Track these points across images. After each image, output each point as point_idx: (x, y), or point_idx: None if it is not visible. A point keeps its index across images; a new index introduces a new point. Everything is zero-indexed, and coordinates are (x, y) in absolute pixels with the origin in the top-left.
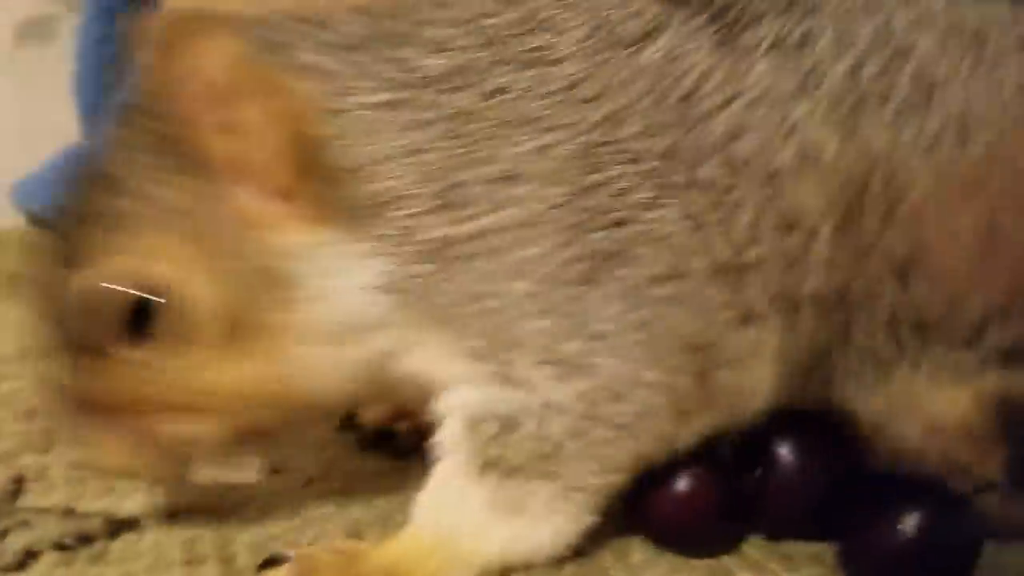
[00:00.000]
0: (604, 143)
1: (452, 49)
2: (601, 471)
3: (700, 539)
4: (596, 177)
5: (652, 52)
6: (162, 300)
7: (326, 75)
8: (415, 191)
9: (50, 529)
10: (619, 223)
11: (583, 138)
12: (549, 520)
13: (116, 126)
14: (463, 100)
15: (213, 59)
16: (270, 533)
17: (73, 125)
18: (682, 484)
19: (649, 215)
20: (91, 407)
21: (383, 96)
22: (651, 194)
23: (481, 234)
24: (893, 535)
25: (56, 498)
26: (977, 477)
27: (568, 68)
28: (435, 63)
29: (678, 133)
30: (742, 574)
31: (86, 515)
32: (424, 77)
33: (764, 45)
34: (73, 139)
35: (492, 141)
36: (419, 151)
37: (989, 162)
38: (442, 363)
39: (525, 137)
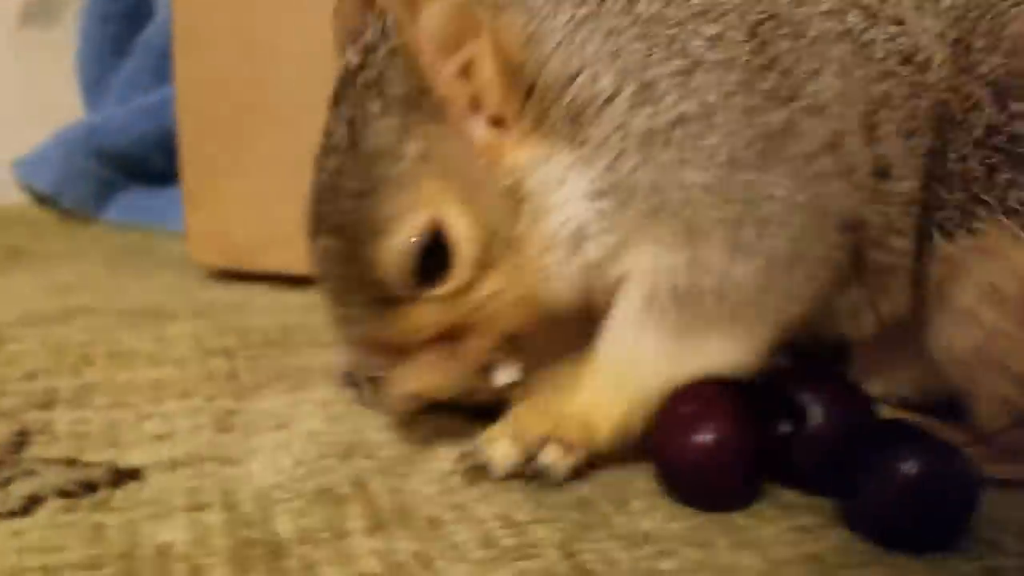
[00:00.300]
0: (769, 17)
1: None
2: (771, 329)
3: (725, 494)
4: (764, 58)
5: None
6: (446, 242)
7: (527, 7)
8: (614, 93)
9: (54, 478)
10: (787, 100)
11: (750, 17)
12: (723, 365)
13: (354, 105)
14: (645, 4)
15: (437, 17)
16: (271, 482)
17: (76, 104)
18: (708, 438)
19: (811, 87)
20: (399, 349)
21: (579, 11)
22: (814, 65)
23: (673, 125)
24: (890, 485)
25: (60, 450)
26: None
27: None
28: None
29: None
30: (740, 520)
31: (89, 465)
32: None
33: None
34: (75, 117)
35: (674, 38)
36: (614, 56)
37: None
38: (642, 254)
39: (701, 29)
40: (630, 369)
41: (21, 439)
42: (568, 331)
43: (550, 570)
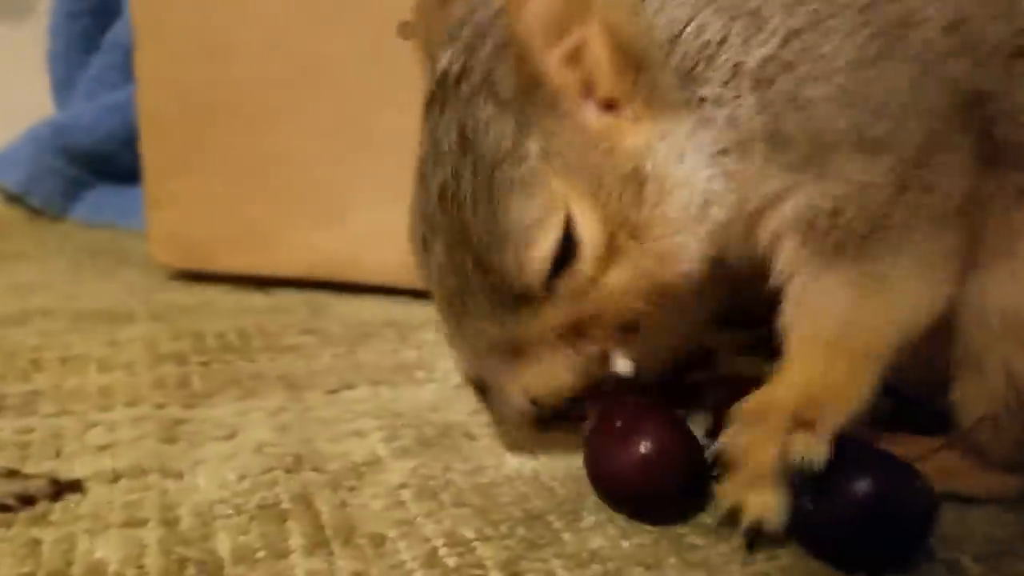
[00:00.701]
0: None
1: None
2: (931, 232)
3: (662, 506)
4: None
5: None
6: (575, 238)
7: None
8: (724, 35)
9: None
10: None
11: None
12: (909, 287)
13: (464, 109)
14: None
15: (546, 3)
16: (213, 497)
17: (47, 102)
18: (647, 450)
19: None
20: (524, 351)
21: None
22: None
23: (785, 43)
24: (843, 504)
25: (2, 460)
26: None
27: None
28: None
29: None
30: (693, 539)
31: (30, 477)
32: None
33: None
34: (46, 114)
35: None
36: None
37: None
38: (773, 187)
39: None
40: (831, 324)
41: None
42: (686, 310)
43: None
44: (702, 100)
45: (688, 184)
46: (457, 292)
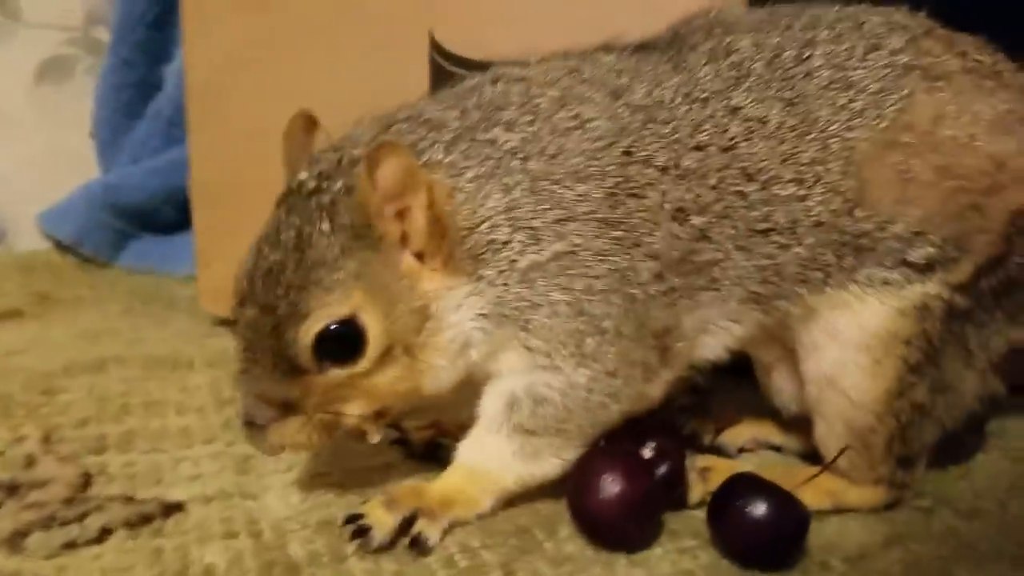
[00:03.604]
0: (622, 182)
1: (519, 125)
2: (596, 426)
3: (625, 540)
4: (618, 213)
5: (640, 96)
6: (359, 331)
7: (447, 166)
8: (507, 240)
9: (118, 511)
10: (633, 245)
11: (609, 181)
12: (554, 460)
13: (304, 219)
14: (533, 164)
15: (391, 174)
16: (284, 515)
17: (88, 154)
18: (611, 486)
19: (649, 238)
20: (296, 408)
21: (484, 169)
22: (651, 223)
23: (549, 260)
24: (744, 522)
25: (117, 488)
26: None
27: (595, 126)
28: (511, 138)
29: (673, 154)
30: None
31: (143, 501)
32: (508, 151)
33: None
34: (91, 170)
35: (554, 192)
36: (510, 208)
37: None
38: (511, 358)
39: (567, 188)
40: (485, 465)
41: (85, 480)
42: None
43: None
44: (481, 277)
45: (456, 328)
46: (252, 347)
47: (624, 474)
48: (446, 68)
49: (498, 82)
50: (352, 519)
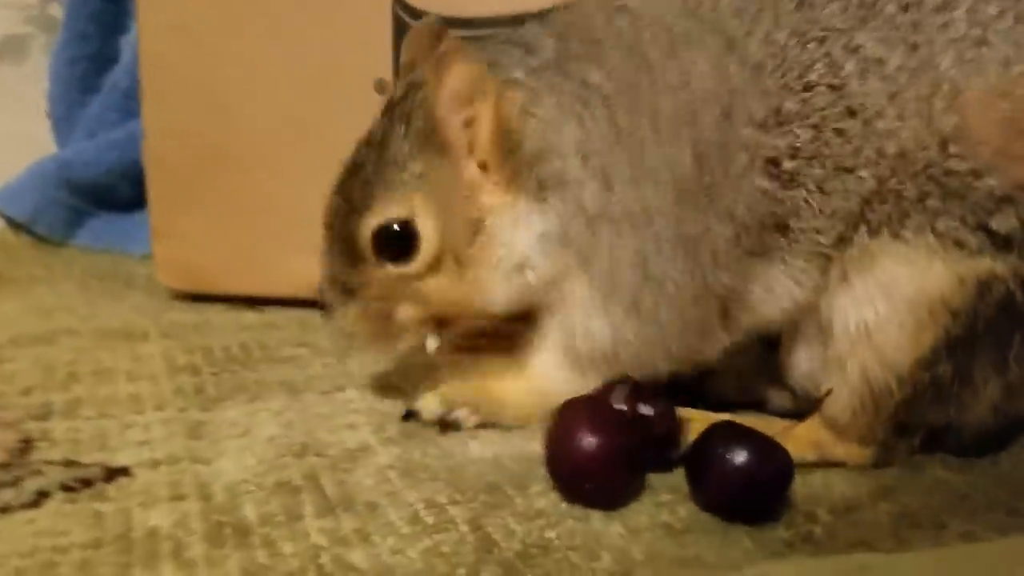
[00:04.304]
0: (715, 147)
1: (618, 70)
2: (646, 372)
3: (605, 495)
4: (703, 181)
5: (754, 47)
6: (412, 234)
7: (527, 88)
8: (578, 177)
9: (57, 475)
10: (712, 212)
11: (701, 146)
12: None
13: (389, 122)
14: (622, 117)
15: (459, 78)
16: (238, 478)
17: (46, 136)
18: (588, 445)
19: (731, 204)
20: (356, 296)
21: (566, 103)
22: (736, 190)
23: (619, 215)
24: (724, 472)
25: (59, 453)
26: None
27: (698, 83)
28: (604, 82)
29: (776, 103)
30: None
31: (85, 465)
32: (596, 92)
33: None
34: (46, 149)
35: (635, 151)
36: (589, 152)
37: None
38: (568, 291)
39: (652, 148)
40: (542, 384)
41: (25, 445)
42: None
43: (462, 540)
44: (545, 199)
45: (509, 247)
46: (330, 230)
47: (605, 427)
48: (408, 24)
49: (612, 14)
50: (409, 414)
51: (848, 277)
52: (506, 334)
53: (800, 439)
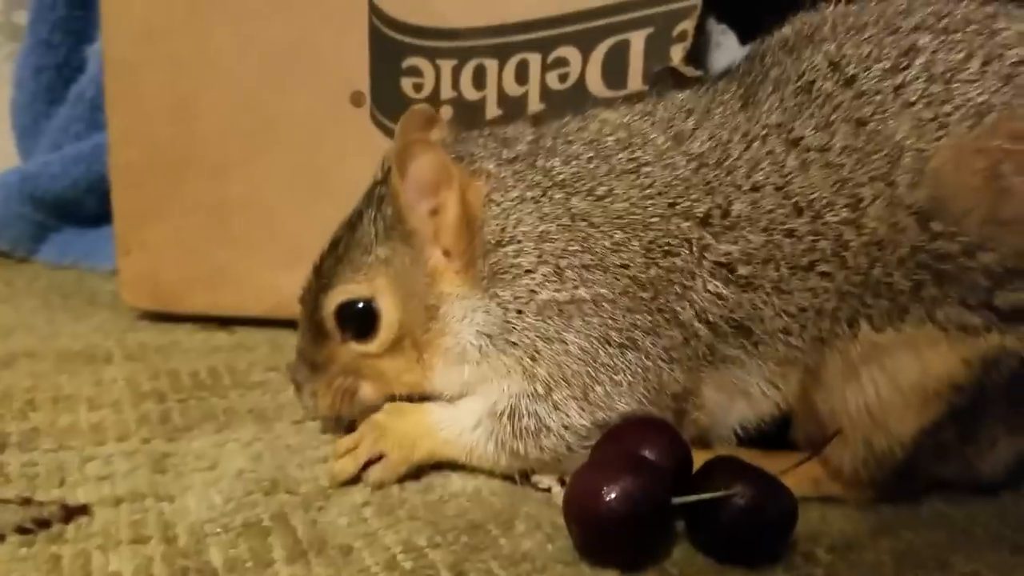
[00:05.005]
0: (661, 236)
1: (578, 160)
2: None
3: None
4: (651, 272)
5: (699, 144)
6: (374, 313)
7: (495, 178)
8: (531, 269)
9: (11, 516)
10: (659, 309)
11: (649, 235)
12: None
13: (366, 204)
14: (576, 201)
15: (425, 168)
16: (204, 518)
17: (10, 149)
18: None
19: (678, 304)
20: (319, 371)
21: (528, 192)
22: (683, 286)
23: (569, 303)
24: (730, 507)
25: (14, 491)
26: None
27: (648, 172)
28: (564, 169)
29: (722, 201)
30: None
31: (42, 503)
32: (555, 179)
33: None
34: (9, 160)
35: (589, 236)
36: (541, 239)
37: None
38: (506, 386)
39: (603, 234)
40: (463, 445)
41: None
42: None
43: None
44: (494, 296)
45: (456, 337)
46: (303, 305)
47: (640, 477)
48: (386, 34)
49: (584, 118)
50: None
51: (856, 370)
52: None
53: (799, 473)
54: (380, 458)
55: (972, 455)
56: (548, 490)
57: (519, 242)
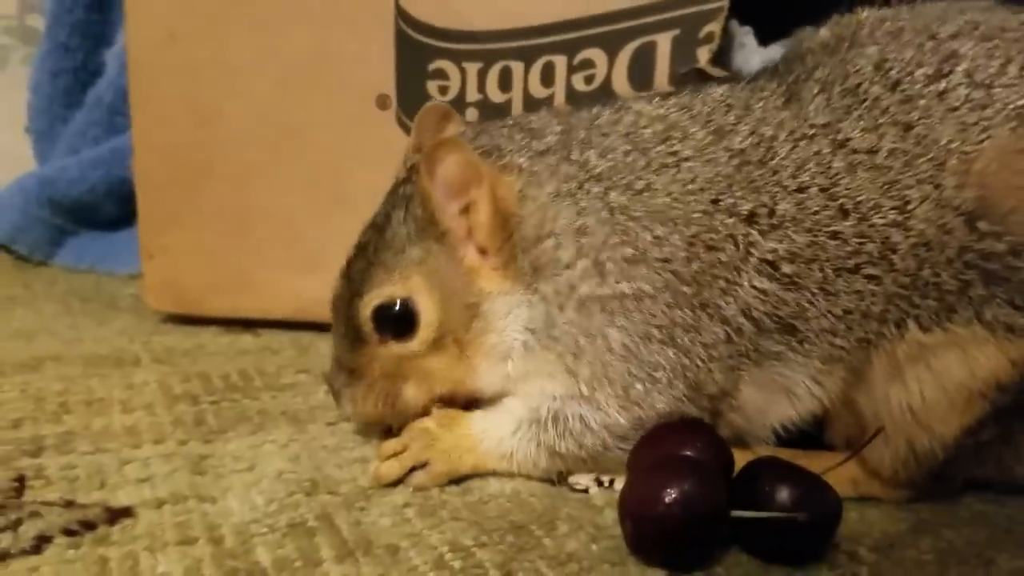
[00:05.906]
0: (704, 231)
1: (614, 153)
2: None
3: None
4: (694, 267)
5: (740, 139)
6: (412, 312)
7: (527, 172)
8: (570, 263)
9: (56, 518)
10: (703, 305)
11: (691, 229)
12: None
13: (392, 205)
14: (615, 196)
15: (453, 168)
16: (248, 518)
17: (26, 153)
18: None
19: (722, 300)
20: (358, 376)
21: (564, 186)
22: (728, 281)
23: (611, 298)
24: (775, 509)
25: (56, 493)
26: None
27: (689, 167)
28: (600, 162)
29: (768, 199)
30: None
31: (85, 506)
32: (592, 173)
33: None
34: (25, 164)
35: (630, 229)
36: (579, 233)
37: None
38: (549, 385)
39: (644, 228)
40: (503, 452)
41: (19, 484)
42: None
43: None
44: (536, 290)
45: (500, 334)
46: (336, 313)
47: (699, 480)
48: (413, 37)
49: (616, 110)
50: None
51: (901, 370)
52: None
53: (836, 474)
54: (424, 464)
55: (1009, 456)
56: (586, 491)
57: (557, 236)
